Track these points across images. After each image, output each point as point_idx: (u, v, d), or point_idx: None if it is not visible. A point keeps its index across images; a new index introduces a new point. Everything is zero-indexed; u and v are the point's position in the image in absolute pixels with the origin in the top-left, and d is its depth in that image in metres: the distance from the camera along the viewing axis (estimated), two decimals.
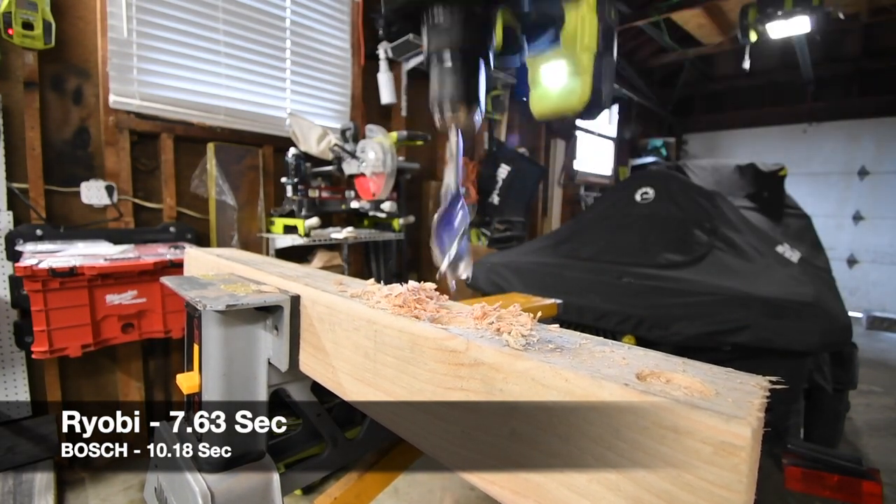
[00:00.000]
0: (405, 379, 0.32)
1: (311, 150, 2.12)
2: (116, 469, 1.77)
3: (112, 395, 1.81)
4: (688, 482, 0.17)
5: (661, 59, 4.55)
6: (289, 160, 1.99)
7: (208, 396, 0.40)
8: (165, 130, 1.83)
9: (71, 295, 1.34)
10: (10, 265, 1.51)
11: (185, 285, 0.40)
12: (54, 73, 1.60)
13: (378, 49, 2.42)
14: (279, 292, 0.39)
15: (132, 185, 1.77)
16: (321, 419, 0.52)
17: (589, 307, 1.75)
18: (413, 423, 0.32)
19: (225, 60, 2.00)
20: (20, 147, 1.54)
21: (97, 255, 1.44)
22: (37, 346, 1.31)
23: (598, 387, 0.20)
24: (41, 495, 1.36)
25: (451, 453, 0.29)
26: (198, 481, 0.38)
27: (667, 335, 1.56)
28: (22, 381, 1.58)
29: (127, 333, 1.49)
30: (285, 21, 2.20)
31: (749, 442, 0.15)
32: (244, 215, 2.06)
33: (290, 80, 2.24)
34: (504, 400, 0.26)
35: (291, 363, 0.40)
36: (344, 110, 2.46)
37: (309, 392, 0.49)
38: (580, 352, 0.26)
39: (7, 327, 1.53)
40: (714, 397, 0.18)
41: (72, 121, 1.65)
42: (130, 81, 1.75)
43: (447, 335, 0.29)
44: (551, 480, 0.23)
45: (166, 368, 1.93)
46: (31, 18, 1.45)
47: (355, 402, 0.36)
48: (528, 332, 0.20)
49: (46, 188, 1.59)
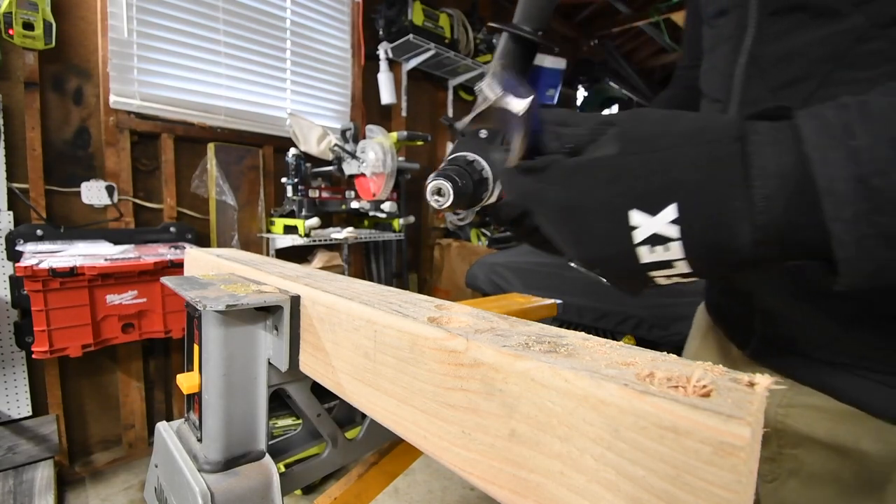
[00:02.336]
0: (405, 379, 0.32)
1: (311, 150, 2.12)
2: (116, 469, 1.77)
3: (112, 394, 1.81)
4: (687, 482, 0.17)
5: (661, 59, 4.55)
6: (289, 160, 1.99)
7: (208, 396, 0.40)
8: (166, 130, 1.83)
9: (71, 295, 1.34)
10: (10, 265, 1.52)
11: (185, 285, 0.40)
12: (55, 73, 1.60)
13: (378, 49, 2.43)
14: (279, 292, 0.39)
15: (132, 185, 1.78)
16: (321, 419, 0.52)
17: (589, 307, 1.75)
18: (413, 423, 0.32)
19: (225, 61, 2.01)
20: (20, 147, 1.55)
21: (97, 256, 1.44)
22: (37, 346, 1.31)
23: (598, 387, 0.20)
24: (41, 495, 1.36)
25: (451, 453, 0.29)
26: (198, 481, 0.38)
27: (667, 335, 1.56)
28: (22, 380, 1.58)
29: (127, 333, 1.49)
30: (285, 21, 2.20)
31: (748, 442, 0.15)
32: (244, 215, 2.07)
33: (291, 80, 2.25)
34: (504, 400, 0.26)
35: (291, 363, 0.40)
36: (344, 110, 2.46)
37: (309, 392, 0.49)
38: (580, 352, 0.26)
39: (7, 327, 1.54)
40: (714, 397, 0.18)
41: (72, 121, 1.66)
42: (131, 81, 1.75)
43: (447, 335, 0.29)
44: (551, 481, 0.23)
45: (166, 368, 1.93)
46: (31, 19, 1.45)
47: (355, 402, 0.36)
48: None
49: (47, 188, 1.59)
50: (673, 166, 0.20)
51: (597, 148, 0.23)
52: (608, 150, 0.22)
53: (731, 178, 0.19)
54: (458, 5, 2.71)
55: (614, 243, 0.22)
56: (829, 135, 0.19)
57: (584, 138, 0.24)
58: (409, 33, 2.33)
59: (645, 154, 0.20)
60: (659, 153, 0.20)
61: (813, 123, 0.20)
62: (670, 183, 0.20)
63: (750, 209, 0.19)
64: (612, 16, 3.63)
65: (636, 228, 0.21)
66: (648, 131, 0.21)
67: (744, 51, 0.37)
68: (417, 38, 2.34)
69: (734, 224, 0.19)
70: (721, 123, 0.21)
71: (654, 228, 0.20)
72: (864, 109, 0.19)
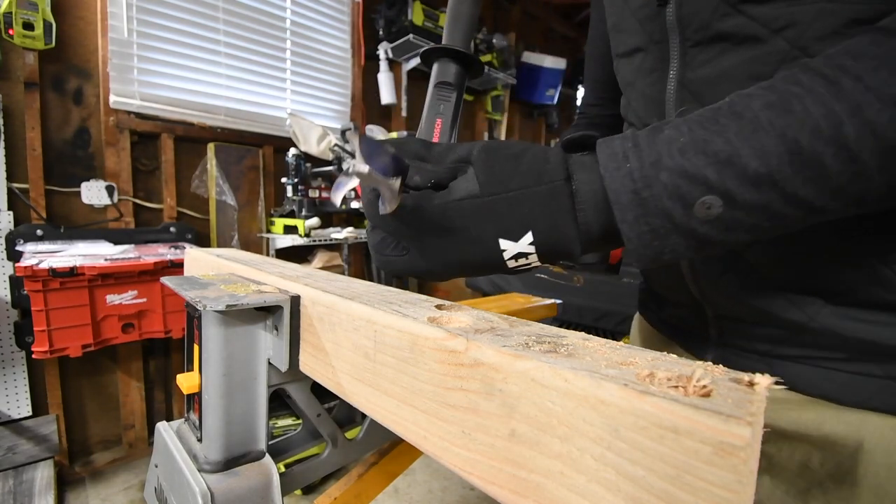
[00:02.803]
0: (405, 379, 0.32)
1: (311, 150, 2.12)
2: (116, 469, 1.77)
3: (112, 394, 1.81)
4: (687, 482, 0.17)
5: None
6: (289, 160, 1.99)
7: (208, 396, 0.40)
8: (166, 130, 1.83)
9: (71, 295, 1.34)
10: (10, 265, 1.52)
11: (185, 285, 0.40)
12: (55, 73, 1.60)
13: (378, 49, 2.43)
14: (279, 292, 0.39)
15: (132, 185, 1.78)
16: (321, 419, 0.52)
17: (589, 307, 1.75)
18: (413, 423, 0.32)
19: (225, 60, 2.01)
20: (20, 147, 1.55)
21: (97, 255, 1.44)
22: (37, 345, 1.31)
23: (598, 387, 0.20)
24: (41, 495, 1.36)
25: (451, 453, 0.29)
26: (198, 481, 0.38)
27: None
28: (22, 380, 1.58)
29: (127, 333, 1.49)
30: (285, 21, 2.20)
31: (748, 442, 0.15)
32: (244, 215, 2.07)
33: (290, 80, 2.25)
34: (504, 400, 0.26)
35: (291, 363, 0.40)
36: (344, 110, 2.46)
37: (309, 392, 0.49)
38: (580, 352, 0.26)
39: (7, 327, 1.54)
40: (714, 397, 0.18)
41: (72, 121, 1.66)
42: (131, 81, 1.75)
43: (447, 335, 0.29)
44: (551, 481, 0.23)
45: (166, 368, 1.93)
46: (31, 19, 1.45)
47: (355, 402, 0.36)
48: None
49: (47, 188, 1.59)
50: (525, 203, 0.27)
51: (458, 184, 0.28)
52: (470, 186, 0.28)
53: (564, 208, 0.27)
54: None
55: (490, 263, 0.29)
56: (613, 161, 0.26)
57: (446, 175, 0.29)
58: (409, 33, 2.33)
59: (502, 194, 0.27)
60: (513, 193, 0.27)
61: (605, 153, 0.27)
62: (525, 217, 0.27)
63: (577, 229, 0.27)
64: None
65: (505, 251, 0.28)
66: (500, 171, 0.27)
67: (671, 79, 0.38)
68: (417, 38, 2.34)
69: (569, 241, 0.27)
70: (553, 164, 0.27)
71: (518, 249, 0.27)
72: (651, 135, 0.26)
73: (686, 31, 0.36)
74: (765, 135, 0.24)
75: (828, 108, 0.23)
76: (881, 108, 0.23)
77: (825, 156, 0.23)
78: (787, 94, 0.25)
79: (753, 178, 0.24)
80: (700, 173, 0.24)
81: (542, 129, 3.75)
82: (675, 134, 0.25)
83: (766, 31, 0.32)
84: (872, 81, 0.23)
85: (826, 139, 0.23)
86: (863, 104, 0.23)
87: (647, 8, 0.40)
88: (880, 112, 0.23)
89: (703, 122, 0.26)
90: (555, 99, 3.37)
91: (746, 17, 0.32)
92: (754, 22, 0.32)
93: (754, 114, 0.24)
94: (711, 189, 0.24)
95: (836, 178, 0.24)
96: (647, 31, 0.41)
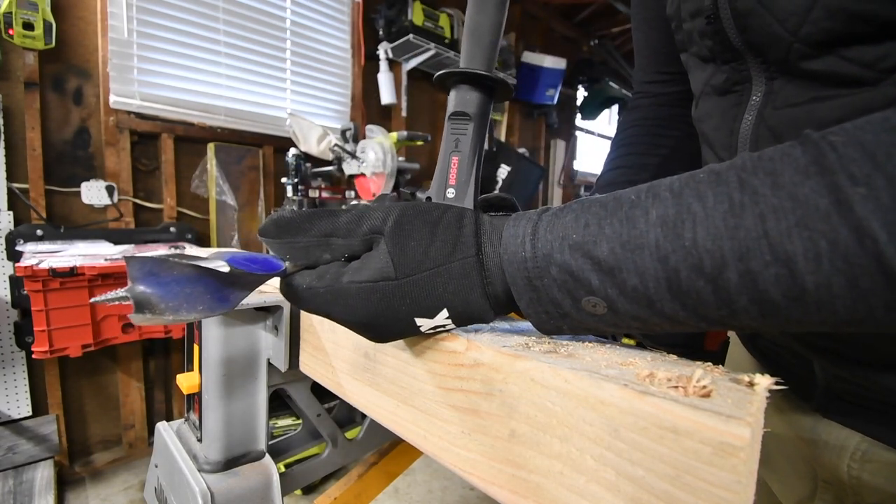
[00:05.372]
0: (405, 379, 0.32)
1: (311, 150, 2.12)
2: (116, 469, 1.77)
3: (112, 394, 1.81)
4: (687, 483, 0.17)
5: None
6: (289, 160, 1.99)
7: (208, 396, 0.40)
8: (166, 130, 1.83)
9: (71, 295, 1.34)
10: (10, 265, 1.52)
11: None
12: (55, 73, 1.60)
13: (378, 49, 2.42)
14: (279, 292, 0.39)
15: (132, 185, 1.78)
16: (321, 419, 0.52)
17: None
18: (413, 424, 0.32)
19: (225, 60, 2.01)
20: (20, 147, 1.55)
21: (97, 256, 1.44)
22: (37, 345, 1.31)
23: (598, 387, 0.20)
24: (41, 495, 1.36)
25: (451, 453, 0.29)
26: (198, 481, 0.38)
27: (666, 336, 1.55)
28: (22, 380, 1.58)
29: (127, 333, 1.49)
30: (285, 21, 2.20)
31: (748, 442, 0.15)
32: (244, 215, 2.07)
33: (290, 80, 2.25)
34: (504, 400, 0.26)
35: (291, 363, 0.40)
36: (344, 110, 2.46)
37: (309, 392, 0.49)
38: (580, 352, 0.26)
39: (7, 327, 1.54)
40: (714, 398, 0.18)
41: (72, 121, 1.65)
42: (131, 81, 1.75)
43: (447, 335, 0.29)
44: (551, 481, 0.23)
45: (166, 368, 1.93)
46: (31, 19, 1.45)
47: (355, 402, 0.36)
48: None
49: (47, 188, 1.59)
50: (438, 283, 0.27)
51: (370, 262, 0.28)
52: (383, 266, 0.27)
53: (475, 284, 0.27)
54: (458, 5, 2.71)
55: (406, 334, 0.30)
56: (513, 244, 0.27)
57: (359, 248, 0.29)
58: (409, 33, 2.33)
59: (415, 275, 0.27)
60: (427, 273, 0.27)
61: (509, 233, 0.27)
62: (440, 296, 0.27)
63: (488, 302, 0.28)
64: (612, 16, 3.63)
65: (421, 326, 0.28)
66: (414, 250, 0.27)
67: (751, 109, 0.34)
68: (417, 38, 2.34)
69: (483, 311, 0.28)
70: (466, 235, 0.28)
71: (434, 324, 0.28)
72: (553, 221, 0.26)
73: (765, 60, 0.32)
74: (648, 255, 0.22)
75: (717, 244, 0.21)
76: (769, 262, 0.20)
77: (703, 292, 0.22)
78: (686, 211, 0.22)
79: (632, 293, 0.23)
80: (585, 277, 0.24)
81: (542, 129, 3.75)
82: (572, 225, 0.25)
83: (871, 73, 0.27)
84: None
85: (706, 277, 0.21)
86: (752, 250, 0.20)
87: (700, 18, 0.35)
88: (768, 266, 0.20)
89: (604, 213, 0.25)
90: (555, 99, 3.37)
91: (839, 58, 0.28)
92: (852, 63, 0.28)
93: (647, 226, 0.23)
94: (594, 293, 0.24)
95: (716, 313, 0.22)
96: (705, 45, 0.36)
